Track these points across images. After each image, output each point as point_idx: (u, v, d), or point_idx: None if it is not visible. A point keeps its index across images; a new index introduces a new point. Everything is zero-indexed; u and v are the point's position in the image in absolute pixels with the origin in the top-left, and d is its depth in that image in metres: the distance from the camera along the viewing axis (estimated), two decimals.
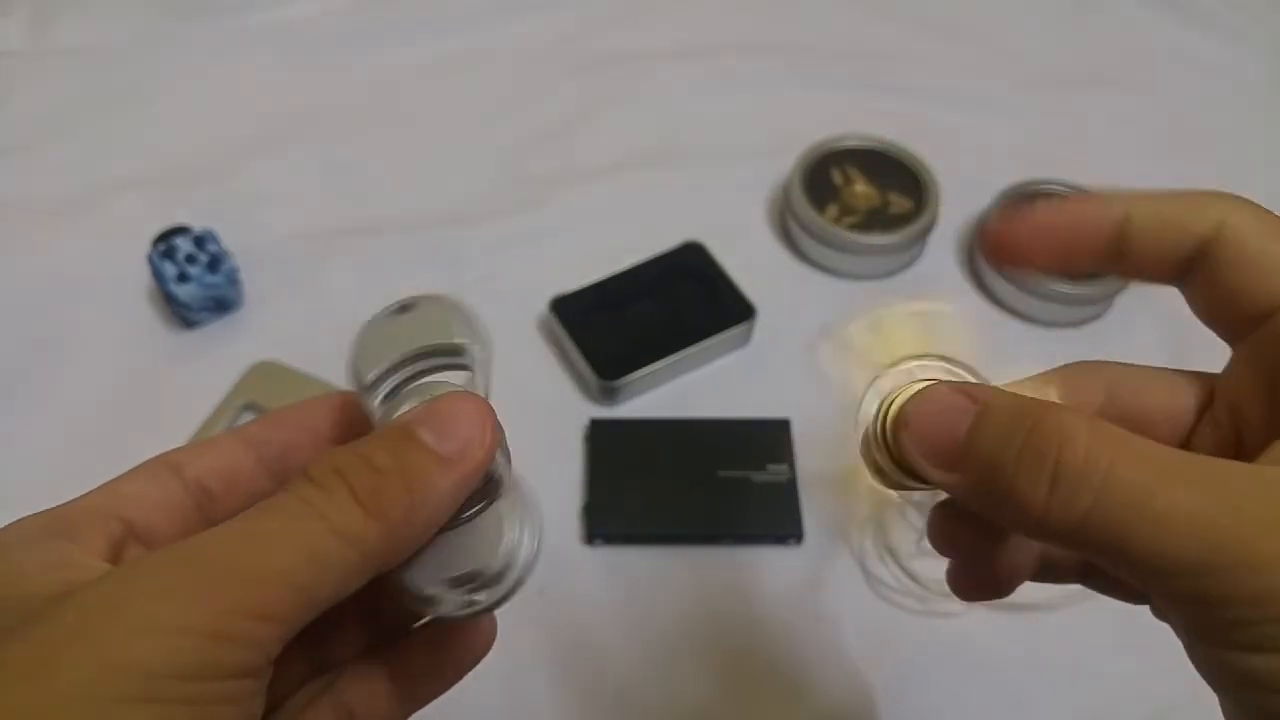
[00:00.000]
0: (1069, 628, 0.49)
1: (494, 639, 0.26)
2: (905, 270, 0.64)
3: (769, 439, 0.54)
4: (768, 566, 0.51)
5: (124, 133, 0.69)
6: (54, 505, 0.22)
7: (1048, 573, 0.27)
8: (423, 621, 0.26)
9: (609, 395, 0.56)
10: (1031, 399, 0.21)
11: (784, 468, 0.53)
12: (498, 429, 0.22)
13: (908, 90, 0.73)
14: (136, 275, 0.59)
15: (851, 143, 0.65)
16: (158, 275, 0.57)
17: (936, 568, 0.51)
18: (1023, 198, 0.63)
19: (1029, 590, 0.49)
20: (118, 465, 0.59)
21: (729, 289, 0.59)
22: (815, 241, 0.62)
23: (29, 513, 0.22)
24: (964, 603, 0.50)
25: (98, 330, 0.58)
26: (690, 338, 0.57)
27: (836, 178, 0.64)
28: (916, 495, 0.25)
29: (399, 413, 0.22)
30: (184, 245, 0.57)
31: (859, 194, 0.63)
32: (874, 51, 0.77)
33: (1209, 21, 0.80)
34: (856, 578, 0.51)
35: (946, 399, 0.22)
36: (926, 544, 0.51)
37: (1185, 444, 0.23)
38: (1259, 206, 0.22)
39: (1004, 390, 0.22)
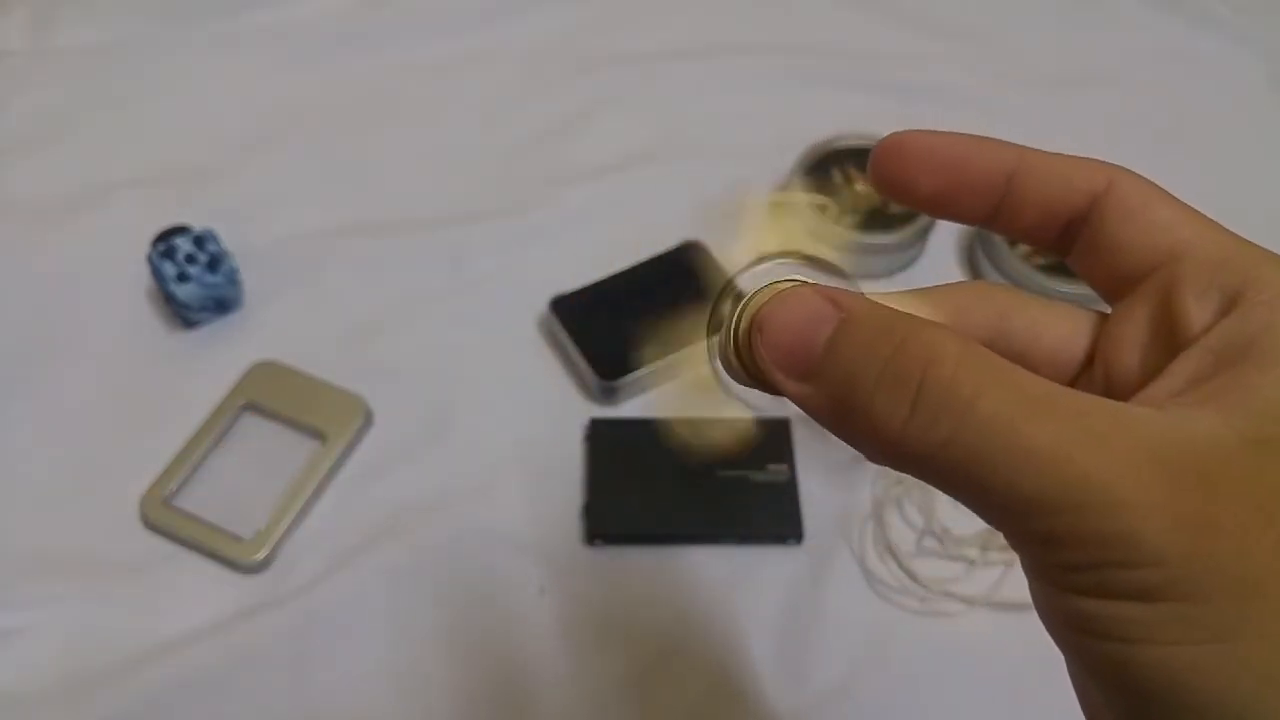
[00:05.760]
0: None
1: None
2: (905, 270, 0.64)
3: (769, 439, 0.54)
4: (768, 566, 0.51)
5: (124, 133, 0.69)
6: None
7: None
8: None
9: (609, 395, 0.55)
10: (901, 313, 0.19)
11: (784, 467, 0.53)
12: None
13: (908, 90, 0.73)
14: (136, 275, 0.59)
15: (851, 142, 0.65)
16: (158, 275, 0.57)
17: (936, 568, 0.51)
18: None
19: (1029, 591, 0.49)
20: (117, 464, 0.59)
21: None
22: (815, 241, 0.62)
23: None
24: (964, 603, 0.50)
25: (98, 330, 0.58)
26: (690, 337, 0.57)
27: (836, 177, 0.64)
28: (765, 400, 0.24)
29: None
30: (184, 245, 0.57)
31: (859, 194, 0.63)
32: (874, 51, 0.77)
33: (1209, 21, 0.80)
34: (856, 578, 0.51)
35: (809, 304, 0.20)
36: (926, 544, 0.52)
37: (1071, 385, 0.22)
38: (1146, 178, 0.22)
39: (873, 300, 0.21)
